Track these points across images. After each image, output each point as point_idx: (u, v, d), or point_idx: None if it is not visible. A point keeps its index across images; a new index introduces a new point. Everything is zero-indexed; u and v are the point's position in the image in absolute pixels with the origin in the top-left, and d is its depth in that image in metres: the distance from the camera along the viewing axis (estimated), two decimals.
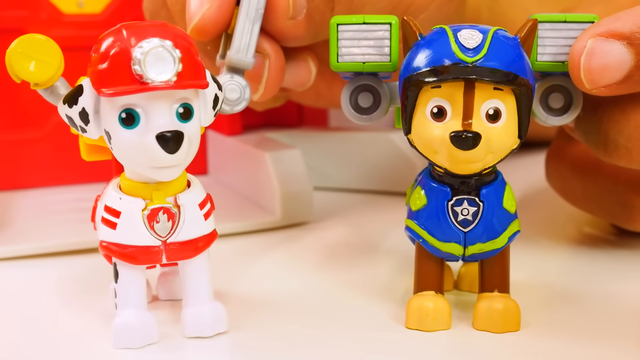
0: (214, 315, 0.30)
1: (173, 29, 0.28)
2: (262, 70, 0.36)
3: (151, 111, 0.27)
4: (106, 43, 0.27)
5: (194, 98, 0.28)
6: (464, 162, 0.28)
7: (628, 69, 0.30)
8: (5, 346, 0.30)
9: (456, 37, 0.28)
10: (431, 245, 0.30)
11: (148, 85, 0.27)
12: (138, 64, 0.26)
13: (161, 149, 0.27)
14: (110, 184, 0.30)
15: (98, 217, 0.29)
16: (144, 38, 0.27)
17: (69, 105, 0.28)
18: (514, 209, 0.31)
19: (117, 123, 0.27)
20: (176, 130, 0.27)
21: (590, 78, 0.30)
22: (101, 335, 0.30)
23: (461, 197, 0.30)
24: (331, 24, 0.31)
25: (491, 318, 0.30)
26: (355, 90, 0.32)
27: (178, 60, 0.27)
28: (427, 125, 0.29)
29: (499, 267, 0.31)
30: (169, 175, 0.28)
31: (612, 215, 0.39)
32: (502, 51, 0.28)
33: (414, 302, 0.31)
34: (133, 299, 0.29)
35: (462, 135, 0.28)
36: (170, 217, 0.29)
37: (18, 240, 0.40)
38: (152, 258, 0.29)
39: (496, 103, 0.28)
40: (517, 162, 0.56)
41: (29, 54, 0.27)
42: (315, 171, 0.51)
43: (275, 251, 0.41)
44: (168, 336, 0.30)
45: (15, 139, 0.50)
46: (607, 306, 0.33)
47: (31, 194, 0.49)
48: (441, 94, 0.28)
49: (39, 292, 0.35)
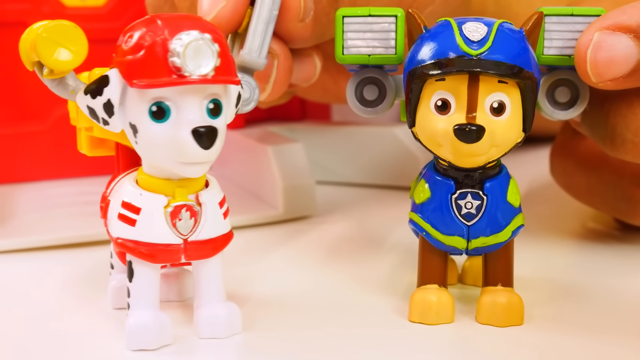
0: (229, 316, 0.29)
1: (207, 23, 0.27)
2: (271, 70, 0.36)
3: (183, 105, 0.26)
4: (139, 33, 0.26)
5: (223, 94, 0.28)
6: (468, 155, 0.28)
7: (635, 62, 0.30)
8: (8, 341, 0.30)
9: (461, 30, 0.28)
10: (434, 238, 0.30)
11: (186, 79, 0.26)
12: (177, 56, 0.26)
13: (196, 144, 0.26)
14: (125, 179, 0.29)
15: (112, 214, 0.29)
16: (181, 30, 0.26)
17: (92, 96, 0.27)
18: (518, 203, 0.30)
19: (147, 116, 0.26)
20: (210, 125, 0.26)
21: (597, 71, 0.30)
22: (106, 332, 0.30)
23: (465, 191, 0.30)
24: (337, 16, 0.31)
25: (494, 312, 0.30)
26: (361, 82, 0.32)
27: (217, 55, 0.26)
28: (431, 118, 0.28)
29: (503, 261, 0.31)
30: (198, 171, 0.27)
31: (616, 210, 0.39)
32: (507, 44, 0.28)
33: (417, 295, 0.30)
34: (147, 299, 0.28)
35: (466, 129, 0.27)
36: (192, 215, 0.28)
37: (20, 233, 0.40)
38: (172, 257, 0.28)
39: (501, 96, 0.28)
40: (522, 157, 0.56)
41: (56, 40, 0.26)
42: (318, 165, 0.51)
43: (278, 245, 0.41)
44: (181, 337, 0.29)
45: (17, 132, 0.50)
46: (611, 301, 0.33)
47: (33, 187, 0.49)
48: (445, 87, 0.28)
49: (41, 285, 0.35)
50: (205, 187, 0.29)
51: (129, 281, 0.28)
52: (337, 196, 0.49)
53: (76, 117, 0.31)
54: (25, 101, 0.50)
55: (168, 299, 0.33)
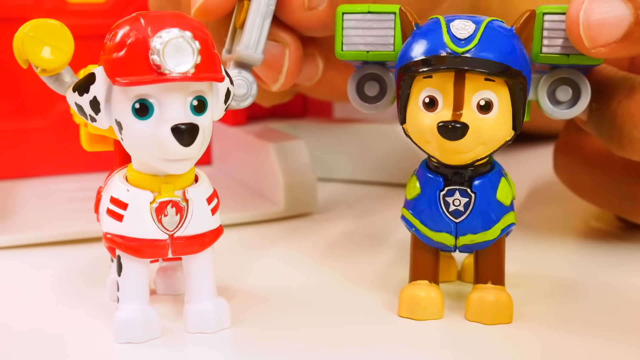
0: (218, 312, 0.29)
1: (191, 20, 0.27)
2: (283, 59, 0.36)
3: (166, 102, 0.27)
4: (122, 31, 0.27)
5: (208, 91, 0.28)
6: (453, 152, 0.28)
7: (627, 26, 0.30)
8: (6, 336, 0.30)
9: (448, 28, 0.28)
10: (423, 234, 0.30)
11: (166, 76, 0.26)
12: (157, 54, 0.26)
13: (176, 142, 0.26)
14: (116, 175, 0.30)
15: (102, 209, 0.29)
16: (162, 28, 0.26)
17: (80, 93, 0.27)
18: (509, 202, 0.30)
19: (130, 113, 0.27)
20: (191, 122, 0.27)
21: (589, 34, 0.30)
22: (103, 328, 0.30)
23: (453, 188, 0.30)
24: (337, 12, 0.32)
25: (482, 309, 0.30)
26: (362, 79, 0.32)
27: (197, 52, 0.26)
28: (419, 115, 0.29)
29: (493, 258, 0.31)
30: (181, 168, 0.28)
31: (620, 208, 0.39)
32: (495, 42, 0.28)
33: (406, 290, 0.31)
34: (136, 293, 0.29)
35: (449, 126, 0.28)
36: (178, 211, 0.28)
37: (21, 229, 0.40)
38: (158, 252, 0.28)
39: (488, 94, 0.28)
40: (525, 156, 0.56)
41: (42, 39, 0.26)
42: (319, 162, 0.51)
43: (279, 242, 0.41)
44: (170, 331, 0.29)
45: (19, 128, 0.50)
46: (610, 299, 0.33)
47: (34, 183, 0.49)
48: (433, 84, 0.28)
49: (41, 281, 0.35)
50: (196, 182, 0.29)
51: (118, 275, 0.29)
52: (339, 193, 0.49)
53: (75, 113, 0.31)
54: (27, 97, 0.50)
55: (166, 292, 0.33)
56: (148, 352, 0.28)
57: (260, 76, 0.37)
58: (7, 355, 0.28)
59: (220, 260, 0.31)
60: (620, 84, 0.33)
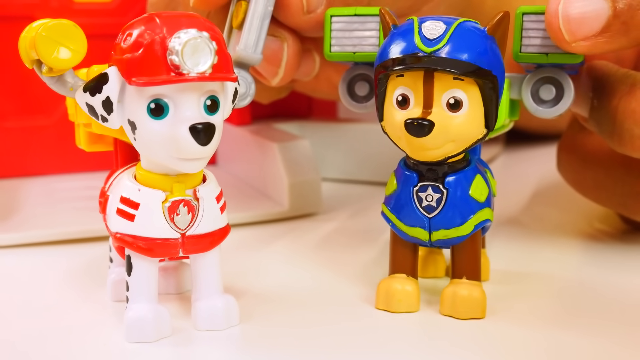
0: (227, 308, 0.29)
1: (205, 21, 0.28)
2: (281, 54, 0.37)
3: (180, 102, 0.27)
4: (138, 31, 0.27)
5: (220, 91, 0.28)
6: (420, 148, 0.29)
7: (606, 19, 0.30)
8: (12, 335, 0.30)
9: (420, 28, 0.29)
10: (400, 229, 0.31)
11: (184, 77, 0.26)
12: (176, 54, 0.26)
13: (193, 141, 0.27)
14: (124, 174, 0.29)
15: (111, 209, 0.29)
16: (179, 28, 0.26)
17: (92, 93, 0.27)
18: (483, 198, 0.31)
19: (145, 113, 0.27)
20: (207, 122, 0.27)
21: (569, 28, 0.30)
22: (110, 327, 0.30)
23: (426, 184, 0.30)
24: (325, 15, 0.33)
25: (455, 304, 0.30)
26: (353, 79, 0.34)
27: (214, 52, 0.27)
28: (392, 112, 0.29)
29: (468, 254, 0.31)
30: (195, 167, 0.28)
31: (623, 206, 0.39)
32: (464, 42, 0.28)
33: (383, 283, 0.31)
34: (146, 292, 0.29)
35: (415, 123, 0.28)
36: (190, 210, 0.28)
37: (26, 227, 0.40)
38: (169, 251, 0.29)
39: (457, 93, 0.29)
40: (529, 155, 0.56)
41: (56, 39, 0.26)
42: (324, 162, 0.51)
43: (283, 242, 0.41)
44: (179, 330, 0.29)
45: (24, 126, 0.50)
46: (605, 300, 0.33)
47: (39, 181, 0.49)
48: (405, 82, 0.29)
49: (47, 279, 0.35)
50: (203, 182, 0.29)
51: (127, 275, 0.29)
52: (343, 193, 0.49)
53: (75, 113, 0.31)
54: (32, 95, 0.50)
55: (167, 291, 0.33)
56: (158, 351, 0.28)
57: (260, 71, 0.38)
58: (15, 353, 0.28)
59: (225, 259, 0.31)
60: (621, 80, 0.33)
